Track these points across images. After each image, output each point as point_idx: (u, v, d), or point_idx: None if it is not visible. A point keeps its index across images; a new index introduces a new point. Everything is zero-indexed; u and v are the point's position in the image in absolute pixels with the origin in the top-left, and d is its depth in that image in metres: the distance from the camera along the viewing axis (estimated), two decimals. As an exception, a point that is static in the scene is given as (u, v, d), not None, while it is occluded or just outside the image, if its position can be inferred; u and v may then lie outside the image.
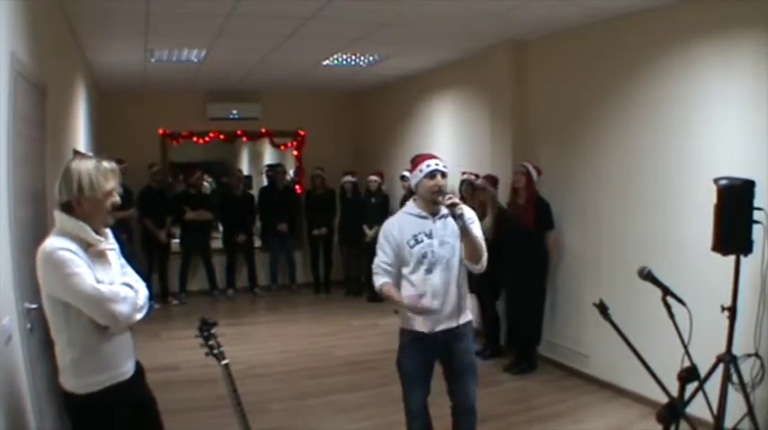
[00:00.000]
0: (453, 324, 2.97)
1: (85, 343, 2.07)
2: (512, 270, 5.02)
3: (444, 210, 2.88)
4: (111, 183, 2.11)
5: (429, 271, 2.91)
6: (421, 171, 2.93)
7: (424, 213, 2.97)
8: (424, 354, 2.99)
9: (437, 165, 2.92)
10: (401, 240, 2.93)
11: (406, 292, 2.93)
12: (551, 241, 5.04)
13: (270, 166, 9.41)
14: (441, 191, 2.87)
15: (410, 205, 3.05)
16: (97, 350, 2.09)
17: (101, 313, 2.03)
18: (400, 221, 3.00)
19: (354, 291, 8.18)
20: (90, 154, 4.84)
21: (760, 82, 3.48)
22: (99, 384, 2.10)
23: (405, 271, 2.94)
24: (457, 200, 2.82)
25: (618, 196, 4.55)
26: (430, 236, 2.93)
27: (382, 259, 2.96)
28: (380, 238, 3.00)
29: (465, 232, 2.82)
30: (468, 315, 3.08)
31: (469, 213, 2.94)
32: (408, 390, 3.03)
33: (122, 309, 2.06)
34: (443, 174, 2.92)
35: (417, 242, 2.92)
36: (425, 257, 2.91)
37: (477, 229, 2.93)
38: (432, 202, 2.93)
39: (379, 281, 2.96)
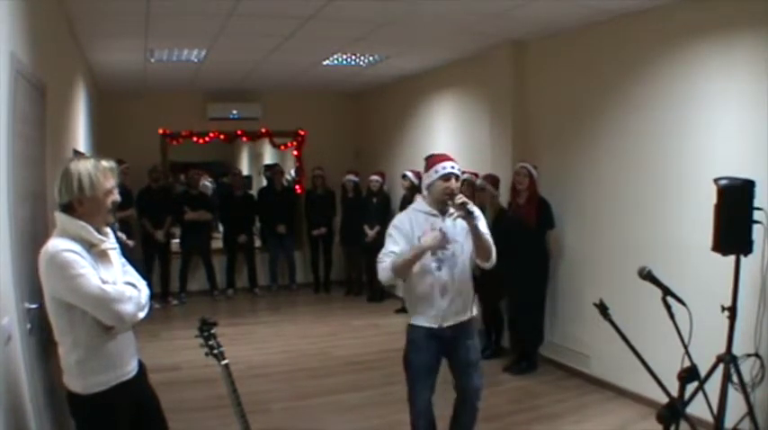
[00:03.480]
0: (460, 319, 3.01)
1: (90, 343, 2.07)
2: (513, 270, 5.01)
3: (452, 209, 2.90)
4: (111, 182, 2.12)
5: (438, 268, 2.94)
6: (436, 172, 2.94)
7: (434, 211, 2.99)
8: (432, 350, 3.01)
9: (453, 168, 2.94)
10: (412, 235, 2.93)
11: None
12: (552, 241, 5.03)
13: (267, 167, 9.40)
14: (453, 194, 2.89)
15: (420, 202, 3.06)
16: (102, 350, 2.10)
17: (107, 313, 2.03)
18: (411, 217, 3.00)
19: (354, 291, 8.19)
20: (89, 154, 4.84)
21: (760, 82, 3.48)
22: (104, 384, 2.11)
23: (414, 268, 2.94)
24: (466, 199, 2.85)
25: (618, 196, 4.55)
26: None
27: (391, 248, 2.92)
28: (391, 231, 2.99)
29: (475, 230, 2.86)
30: (474, 310, 3.11)
31: (477, 211, 2.96)
32: (415, 387, 3.03)
33: (128, 308, 2.07)
34: (457, 178, 2.95)
35: None
36: (434, 254, 2.93)
37: (483, 226, 2.96)
38: (443, 203, 2.95)
39: (387, 262, 2.89)
